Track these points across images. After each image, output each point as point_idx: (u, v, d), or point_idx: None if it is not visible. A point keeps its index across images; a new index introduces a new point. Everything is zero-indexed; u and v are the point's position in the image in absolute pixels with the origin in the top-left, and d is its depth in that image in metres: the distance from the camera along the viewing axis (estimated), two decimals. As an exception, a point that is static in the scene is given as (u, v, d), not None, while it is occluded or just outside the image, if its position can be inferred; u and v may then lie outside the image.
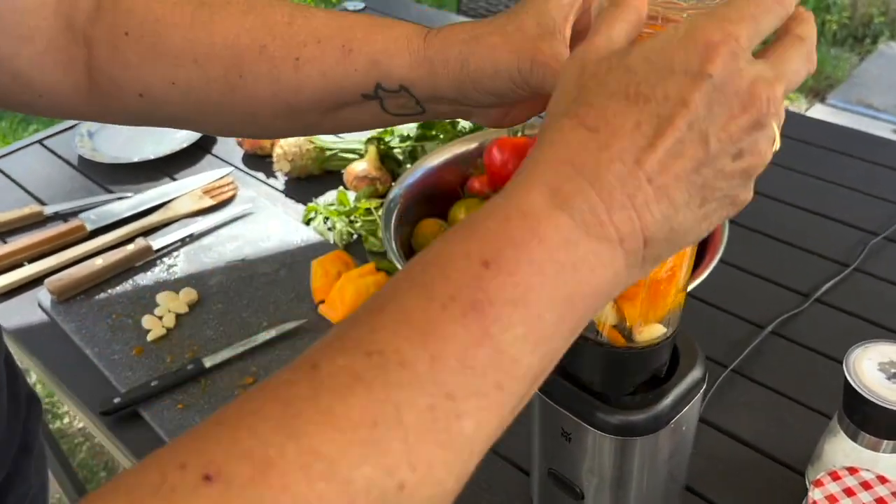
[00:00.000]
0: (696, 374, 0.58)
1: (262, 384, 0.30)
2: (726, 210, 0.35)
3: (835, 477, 0.63)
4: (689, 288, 0.72)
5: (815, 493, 0.62)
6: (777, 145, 0.35)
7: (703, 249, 0.81)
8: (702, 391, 0.59)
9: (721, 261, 0.96)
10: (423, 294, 0.31)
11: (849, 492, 0.61)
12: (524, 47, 0.48)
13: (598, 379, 0.55)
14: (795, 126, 1.24)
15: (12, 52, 0.52)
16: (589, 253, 0.31)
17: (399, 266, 0.78)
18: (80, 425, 1.91)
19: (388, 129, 1.13)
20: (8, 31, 0.52)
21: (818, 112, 2.95)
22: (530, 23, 0.49)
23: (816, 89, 3.13)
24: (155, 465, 0.27)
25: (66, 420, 1.92)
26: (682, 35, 0.33)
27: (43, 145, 1.29)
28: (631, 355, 0.53)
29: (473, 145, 0.94)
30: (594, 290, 0.32)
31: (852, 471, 0.63)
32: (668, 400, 0.56)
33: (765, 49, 0.35)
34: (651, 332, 0.53)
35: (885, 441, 0.64)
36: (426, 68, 0.52)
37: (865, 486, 0.62)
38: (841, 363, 0.63)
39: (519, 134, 0.92)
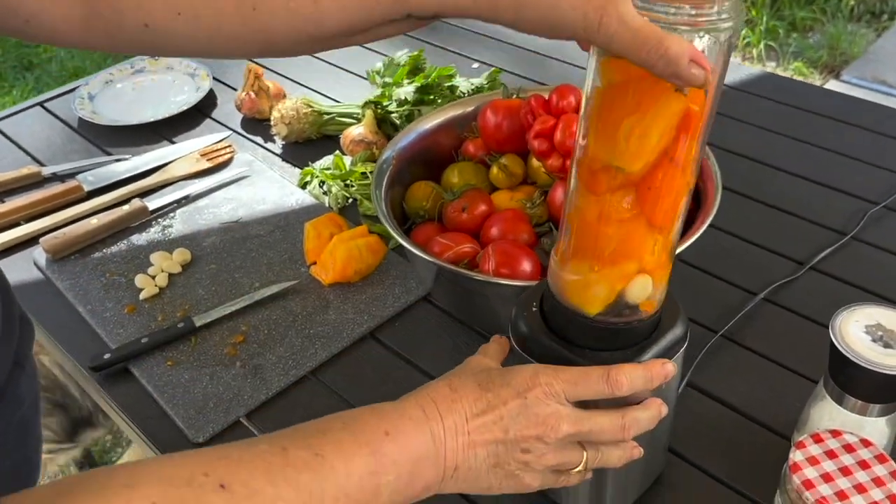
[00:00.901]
0: (677, 331, 0.58)
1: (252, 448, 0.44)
2: (510, 482, 0.52)
3: (817, 439, 0.62)
4: (680, 249, 0.72)
5: (796, 455, 0.61)
6: (581, 466, 0.54)
7: (694, 214, 0.80)
8: (683, 349, 0.59)
9: (717, 228, 0.95)
10: (351, 436, 0.47)
11: (830, 454, 0.61)
12: (590, 6, 0.44)
13: (630, 344, 0.57)
14: (801, 96, 1.22)
15: None
16: (430, 456, 0.49)
17: (390, 228, 0.78)
18: (86, 390, 1.93)
19: (385, 94, 1.12)
20: None
21: (832, 88, 2.91)
22: None
23: (832, 65, 3.08)
24: (185, 466, 0.41)
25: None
26: (530, 373, 0.52)
27: (43, 107, 1.30)
28: (658, 316, 0.57)
29: (469, 108, 0.93)
30: (421, 483, 0.49)
31: (835, 434, 0.63)
32: (647, 356, 0.56)
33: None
34: (664, 289, 0.56)
35: (871, 405, 0.63)
36: (467, 3, 0.49)
37: (848, 448, 0.61)
38: (833, 330, 0.62)
39: (514, 97, 0.91)
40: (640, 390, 0.53)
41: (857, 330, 0.62)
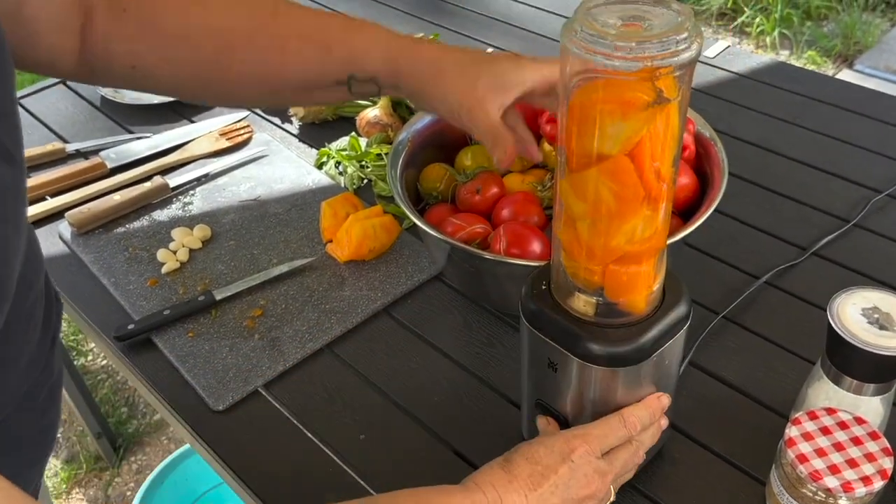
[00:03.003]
0: (680, 310, 0.60)
1: None
2: None
3: (812, 416, 0.65)
4: (685, 234, 0.74)
5: (791, 431, 0.64)
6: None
7: (700, 199, 0.82)
8: (686, 328, 0.61)
9: (722, 213, 0.98)
10: None
11: (825, 430, 0.64)
12: (472, 98, 0.64)
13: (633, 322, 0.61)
14: (810, 85, 1.23)
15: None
16: None
17: (405, 208, 0.80)
18: (103, 363, 1.97)
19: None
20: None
21: (845, 77, 2.90)
22: (487, 80, 0.65)
23: (845, 55, 3.08)
24: None
25: (89, 357, 1.98)
26: (566, 437, 0.59)
27: (66, 85, 1.32)
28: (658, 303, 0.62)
29: (483, 93, 0.95)
30: None
31: (830, 411, 0.65)
32: (651, 333, 0.59)
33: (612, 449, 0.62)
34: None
35: (866, 384, 0.65)
36: (393, 67, 0.67)
37: (842, 426, 0.64)
38: (832, 314, 0.65)
39: (527, 82, 0.93)
40: (647, 424, 0.63)
41: (854, 312, 0.64)
